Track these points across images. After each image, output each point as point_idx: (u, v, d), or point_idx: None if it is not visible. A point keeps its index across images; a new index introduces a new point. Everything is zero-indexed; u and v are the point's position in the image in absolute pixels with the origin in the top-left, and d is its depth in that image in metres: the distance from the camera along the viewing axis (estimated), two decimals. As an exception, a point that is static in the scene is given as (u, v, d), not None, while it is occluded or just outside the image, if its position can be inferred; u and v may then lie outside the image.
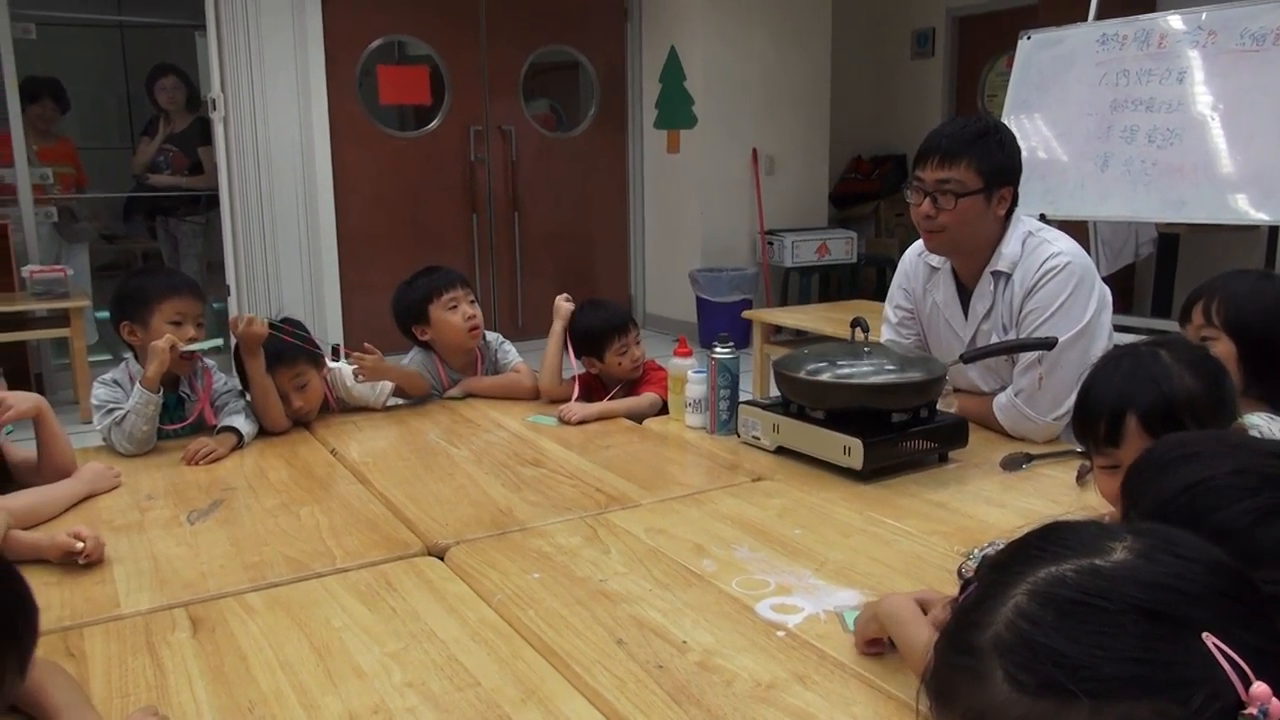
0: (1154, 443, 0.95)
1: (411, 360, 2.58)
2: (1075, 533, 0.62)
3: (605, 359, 2.46)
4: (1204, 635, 0.55)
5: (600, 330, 2.46)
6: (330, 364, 2.40)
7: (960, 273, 2.13)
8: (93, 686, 1.15)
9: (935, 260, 2.17)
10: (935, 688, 0.61)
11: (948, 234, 2.00)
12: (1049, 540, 0.62)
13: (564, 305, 2.52)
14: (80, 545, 1.46)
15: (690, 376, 2.17)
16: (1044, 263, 1.99)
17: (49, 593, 1.41)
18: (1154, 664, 0.54)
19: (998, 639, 0.58)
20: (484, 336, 2.58)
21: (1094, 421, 1.28)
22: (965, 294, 2.13)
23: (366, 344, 2.32)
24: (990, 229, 2.03)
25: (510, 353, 2.63)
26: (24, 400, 1.76)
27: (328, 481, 1.91)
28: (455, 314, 2.49)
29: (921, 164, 2.00)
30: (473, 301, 2.54)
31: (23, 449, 1.91)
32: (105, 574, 1.47)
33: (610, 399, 2.44)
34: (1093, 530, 0.63)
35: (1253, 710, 0.53)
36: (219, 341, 2.18)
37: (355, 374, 2.33)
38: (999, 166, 1.98)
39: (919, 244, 2.26)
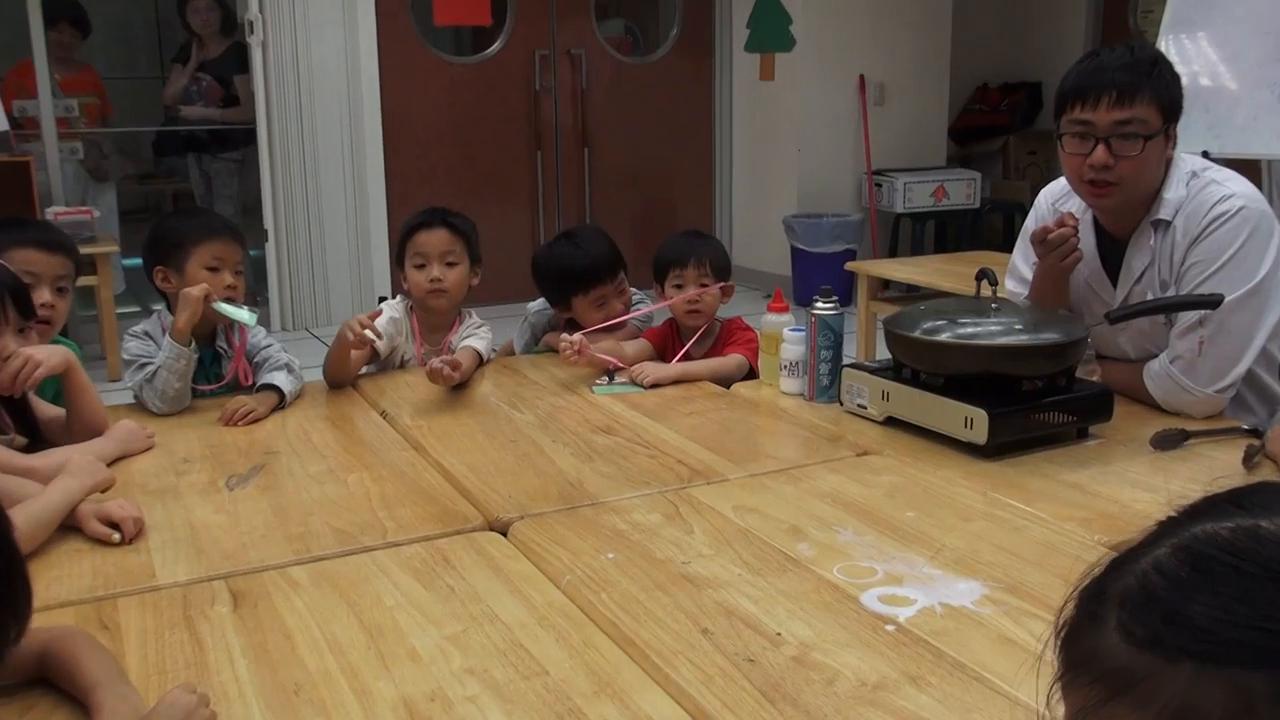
0: None
1: (538, 312, 2.70)
2: (1271, 492, 0.62)
3: (665, 290, 2.48)
4: None
5: (665, 256, 2.48)
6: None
7: (1110, 226, 2.06)
8: (128, 661, 1.20)
9: (1074, 207, 2.11)
10: (1063, 629, 0.65)
11: (1123, 187, 1.91)
12: (1238, 495, 0.63)
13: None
14: (116, 538, 1.52)
15: (786, 335, 2.16)
16: (1213, 207, 1.91)
17: (80, 560, 1.47)
18: None
19: (1125, 588, 0.61)
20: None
21: None
22: (1112, 248, 2.06)
23: (448, 370, 2.18)
24: (1158, 174, 1.95)
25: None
26: (53, 355, 1.83)
27: (378, 447, 1.96)
28: (601, 311, 2.53)
29: (1084, 104, 1.88)
30: (622, 291, 2.57)
31: (52, 406, 1.99)
32: (140, 542, 1.53)
33: (684, 356, 2.44)
34: None
35: None
36: (250, 318, 2.18)
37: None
38: (1174, 100, 1.90)
39: (1054, 186, 2.20)
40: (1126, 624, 0.59)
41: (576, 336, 2.26)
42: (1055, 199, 2.18)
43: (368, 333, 2.24)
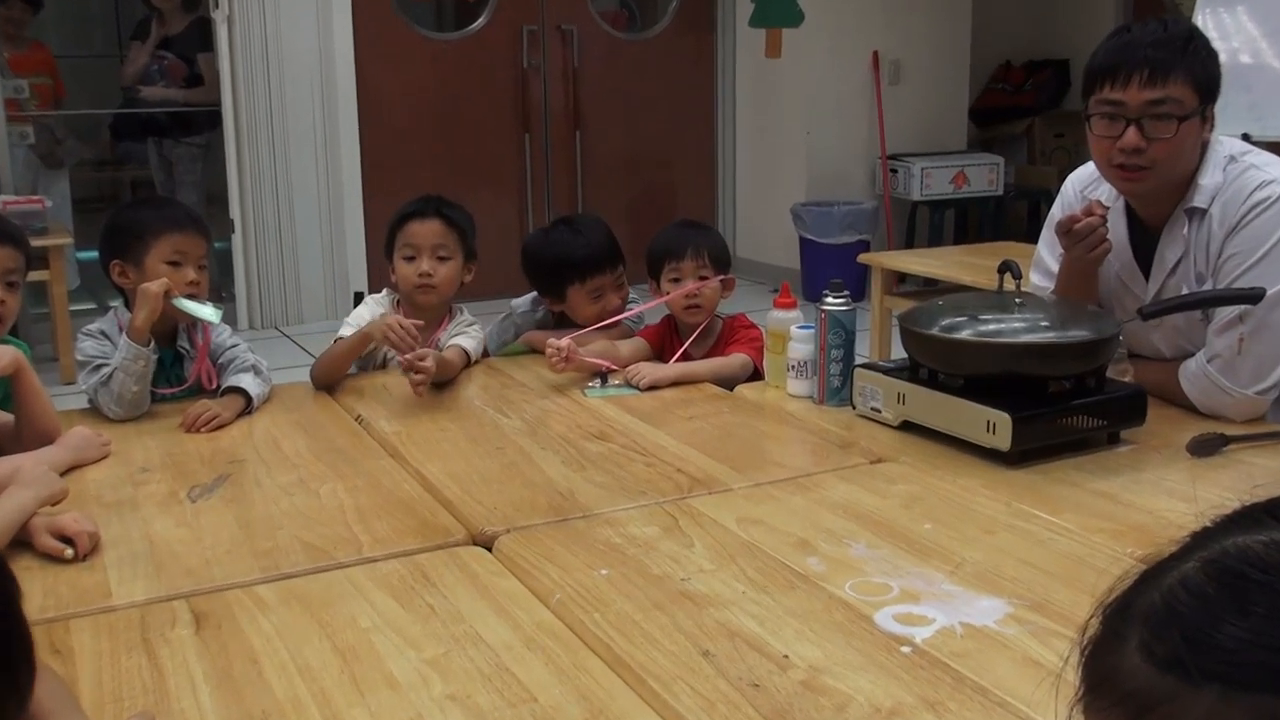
0: None
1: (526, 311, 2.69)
2: None
3: (661, 285, 2.48)
4: None
5: (659, 248, 2.47)
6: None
7: (1142, 213, 2.07)
8: (81, 688, 1.20)
9: (1104, 194, 2.11)
10: (1086, 646, 0.65)
11: (1156, 171, 1.92)
12: (1276, 506, 0.63)
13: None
14: (69, 553, 1.51)
15: (794, 333, 2.16)
16: (1252, 193, 1.92)
17: (29, 578, 1.46)
18: None
19: (1149, 605, 0.61)
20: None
21: None
22: (1145, 238, 2.07)
23: (420, 362, 2.16)
24: (1193, 158, 1.96)
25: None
26: (1, 356, 1.83)
27: (352, 455, 1.95)
28: (597, 304, 2.52)
29: (1114, 83, 1.89)
30: (620, 285, 2.57)
31: (2, 412, 1.99)
32: (94, 559, 1.52)
33: (683, 355, 2.43)
34: None
35: None
36: (213, 315, 2.17)
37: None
38: (1211, 78, 1.91)
39: (1082, 172, 2.21)
40: (1148, 643, 0.59)
41: (564, 341, 2.25)
42: (1083, 185, 2.18)
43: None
